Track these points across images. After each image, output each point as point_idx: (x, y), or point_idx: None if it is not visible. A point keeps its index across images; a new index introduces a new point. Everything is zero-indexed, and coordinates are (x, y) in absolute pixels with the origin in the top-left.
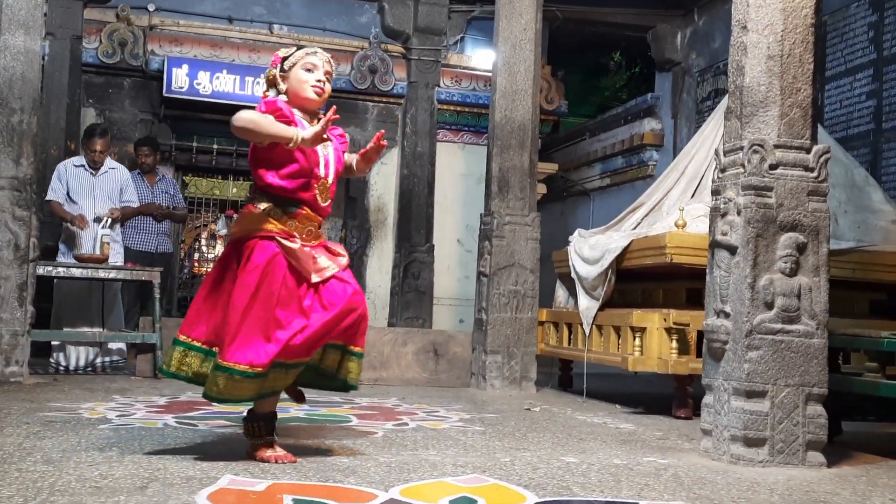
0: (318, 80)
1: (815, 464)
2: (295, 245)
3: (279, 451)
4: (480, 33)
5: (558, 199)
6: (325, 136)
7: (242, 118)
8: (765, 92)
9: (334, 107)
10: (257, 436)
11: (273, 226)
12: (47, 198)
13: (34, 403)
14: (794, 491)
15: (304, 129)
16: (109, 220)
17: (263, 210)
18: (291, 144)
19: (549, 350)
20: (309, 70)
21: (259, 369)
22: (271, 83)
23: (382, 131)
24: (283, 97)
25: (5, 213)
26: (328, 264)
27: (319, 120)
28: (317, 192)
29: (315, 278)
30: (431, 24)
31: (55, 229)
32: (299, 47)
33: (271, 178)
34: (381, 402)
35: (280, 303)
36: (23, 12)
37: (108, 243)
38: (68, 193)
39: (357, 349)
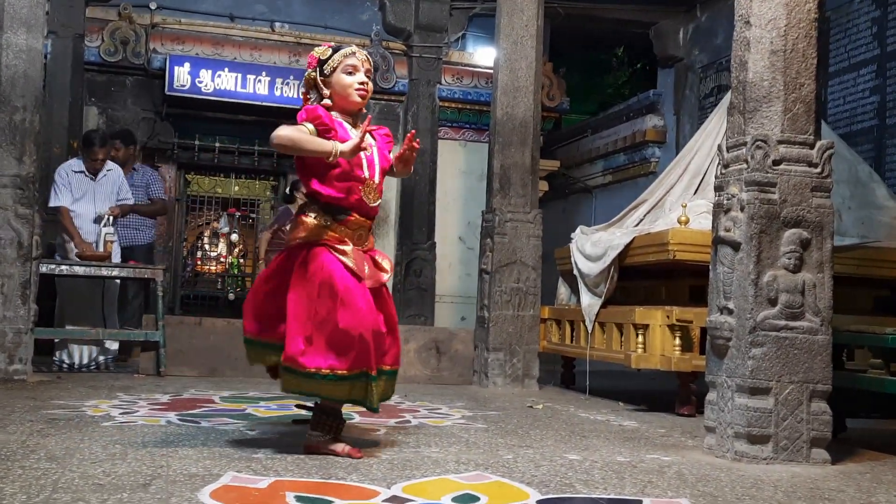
0: (361, 83)
1: (820, 461)
2: (347, 248)
3: (347, 446)
4: (482, 30)
5: (560, 196)
6: (363, 144)
7: (281, 136)
8: (768, 87)
9: (369, 116)
10: (330, 430)
11: (325, 233)
12: (55, 203)
13: (38, 401)
14: (799, 488)
15: (341, 143)
16: (111, 219)
17: (315, 220)
18: (331, 158)
19: (552, 347)
20: (350, 73)
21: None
22: (311, 86)
23: (413, 131)
24: (326, 101)
25: (8, 211)
26: (372, 275)
27: (361, 118)
28: (362, 194)
29: (368, 283)
30: (433, 22)
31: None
32: (335, 49)
33: (317, 185)
34: None
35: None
36: (25, 10)
37: (111, 241)
38: None
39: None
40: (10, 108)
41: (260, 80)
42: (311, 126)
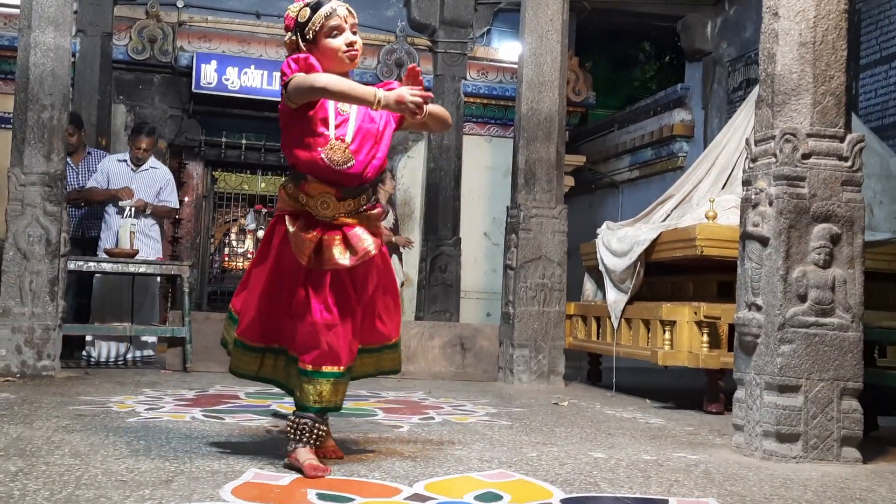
0: (349, 43)
1: (851, 460)
2: (291, 228)
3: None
4: (507, 25)
5: (586, 191)
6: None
7: (310, 81)
8: (797, 80)
9: (413, 65)
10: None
11: (284, 203)
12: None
13: (64, 397)
14: (829, 487)
15: (388, 93)
16: (133, 210)
17: (283, 185)
18: (376, 106)
19: (577, 344)
20: (336, 34)
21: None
22: (294, 50)
23: (413, 65)
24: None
25: (36, 208)
26: (337, 255)
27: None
28: (323, 154)
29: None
30: (458, 17)
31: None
32: (312, 8)
33: (287, 146)
34: (407, 395)
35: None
36: (52, 9)
37: (133, 233)
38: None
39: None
40: (39, 106)
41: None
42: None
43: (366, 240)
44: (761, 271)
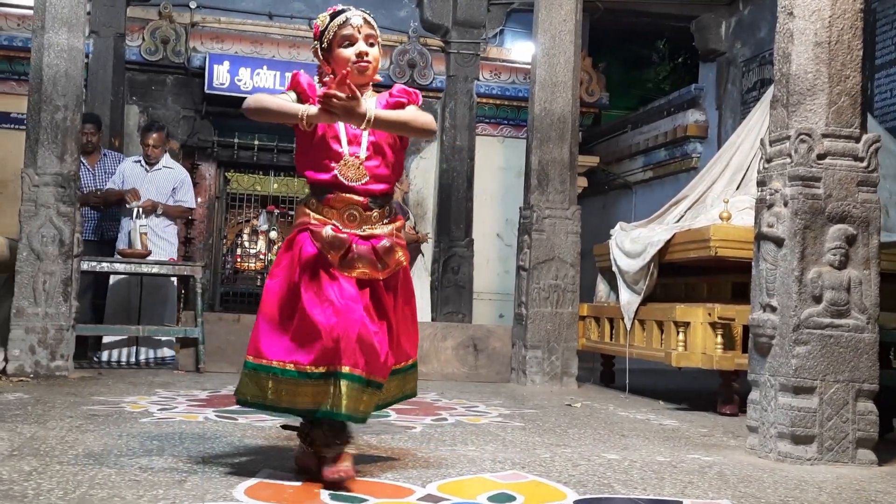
0: (359, 53)
1: (866, 462)
2: (320, 228)
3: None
4: (520, 26)
5: (600, 192)
6: (336, 108)
7: (249, 100)
8: (812, 80)
9: (344, 72)
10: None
11: (309, 217)
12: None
13: (78, 397)
14: (844, 489)
15: (311, 107)
16: (140, 210)
17: (303, 202)
18: (304, 122)
19: (591, 345)
20: (348, 44)
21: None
22: (317, 59)
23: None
24: (327, 78)
25: (50, 209)
26: (367, 267)
27: (370, 92)
28: (336, 171)
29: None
30: (470, 18)
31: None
32: (332, 15)
33: (301, 166)
34: (419, 396)
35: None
36: (66, 10)
37: (144, 233)
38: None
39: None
40: (52, 107)
41: None
42: (292, 94)
43: (398, 251)
44: (776, 272)
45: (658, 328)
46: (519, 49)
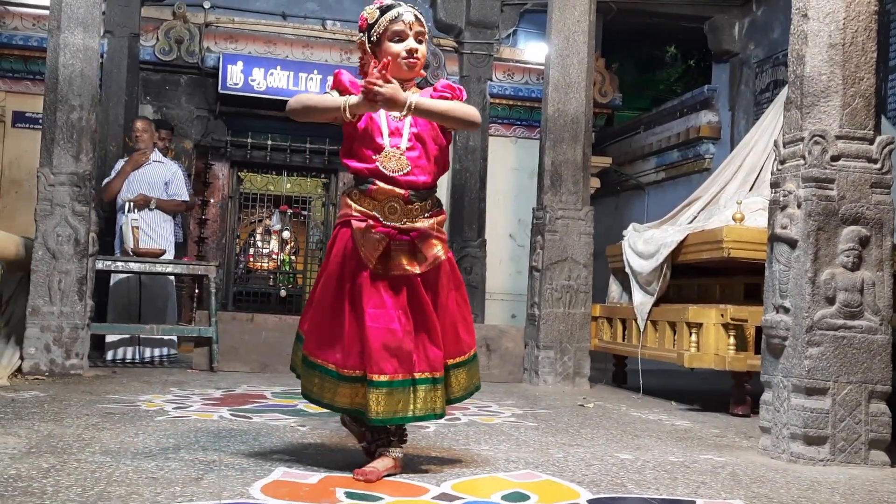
0: (409, 50)
1: (878, 463)
2: (361, 224)
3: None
4: (533, 26)
5: (612, 193)
6: (379, 98)
7: (292, 101)
8: (826, 81)
9: (385, 61)
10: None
11: (350, 209)
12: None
13: (93, 395)
14: (857, 490)
15: (353, 97)
16: (131, 205)
17: (346, 192)
18: (347, 113)
19: (603, 346)
20: (398, 40)
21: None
22: (362, 51)
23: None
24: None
25: (65, 208)
26: (404, 262)
27: (418, 88)
28: (378, 163)
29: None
30: (484, 18)
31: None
32: (382, 10)
33: (345, 156)
34: None
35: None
36: (81, 10)
37: (136, 227)
38: None
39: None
40: (68, 106)
41: (312, 79)
42: (335, 93)
43: (436, 245)
44: (789, 273)
45: (671, 329)
46: (532, 50)
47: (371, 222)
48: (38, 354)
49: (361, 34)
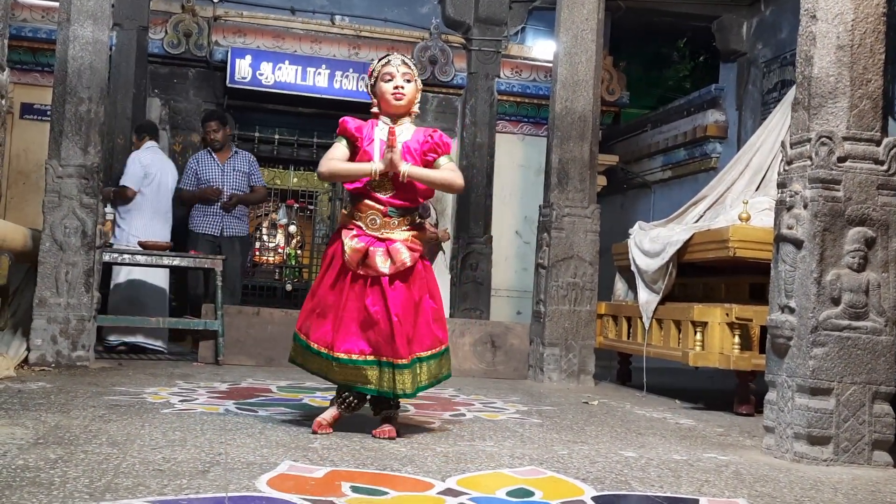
0: (396, 87)
1: (882, 464)
2: (347, 239)
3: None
4: (541, 23)
5: (619, 191)
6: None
7: (322, 172)
8: (834, 83)
9: (392, 138)
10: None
11: (344, 221)
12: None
13: (100, 387)
14: (860, 491)
15: (377, 163)
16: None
17: (344, 207)
18: (374, 177)
19: (608, 343)
20: (388, 80)
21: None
22: (370, 93)
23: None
24: (375, 108)
25: (73, 200)
26: (378, 264)
27: (409, 121)
28: (367, 184)
29: (360, 271)
30: (492, 15)
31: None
32: (379, 59)
33: (346, 183)
34: (437, 392)
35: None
36: (91, 3)
37: (109, 220)
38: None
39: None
40: (76, 99)
41: (320, 73)
42: (343, 140)
43: (403, 252)
44: (795, 274)
45: (676, 328)
46: (540, 47)
47: (356, 231)
48: (44, 346)
49: (369, 80)
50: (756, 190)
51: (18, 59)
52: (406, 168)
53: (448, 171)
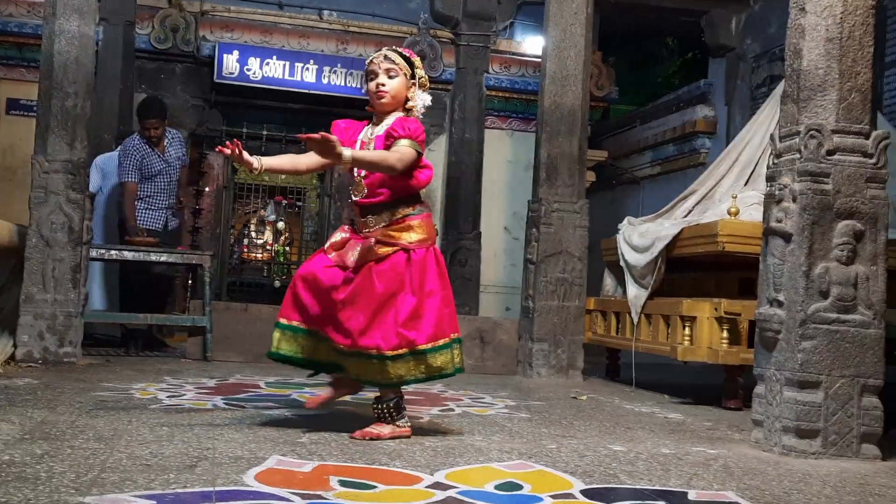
0: (378, 85)
1: (870, 456)
2: (342, 229)
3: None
4: (530, 18)
5: (607, 187)
6: (335, 147)
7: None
8: (823, 76)
9: (308, 136)
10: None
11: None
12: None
13: (87, 383)
14: (848, 483)
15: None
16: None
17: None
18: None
19: (597, 339)
20: (371, 78)
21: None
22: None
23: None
24: (369, 107)
25: (60, 195)
26: (348, 256)
27: (394, 115)
28: (352, 191)
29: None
30: (481, 10)
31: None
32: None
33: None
34: (426, 387)
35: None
36: None
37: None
38: None
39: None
40: (62, 94)
41: (308, 69)
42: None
43: (371, 248)
44: (784, 267)
45: (664, 322)
46: (529, 42)
47: (346, 227)
48: (31, 342)
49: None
50: (745, 185)
51: (4, 55)
52: (348, 153)
53: (392, 151)
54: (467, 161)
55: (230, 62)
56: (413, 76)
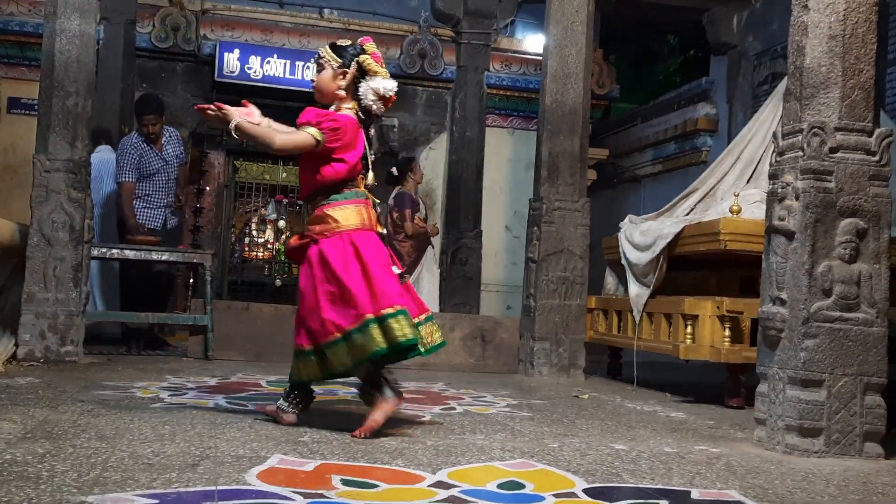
0: (311, 81)
1: (873, 455)
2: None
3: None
4: (531, 17)
5: (609, 185)
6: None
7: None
8: (825, 73)
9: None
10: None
11: None
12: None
13: (88, 382)
14: (851, 482)
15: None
16: None
17: None
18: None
19: (598, 337)
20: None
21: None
22: None
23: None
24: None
25: (61, 194)
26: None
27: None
28: None
29: None
30: (482, 8)
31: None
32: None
33: None
34: (428, 386)
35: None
36: None
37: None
38: None
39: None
40: (64, 93)
41: (308, 67)
42: (311, 129)
43: (294, 240)
44: (786, 265)
45: (666, 321)
46: (530, 40)
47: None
48: (33, 341)
49: None
50: (747, 182)
51: (5, 53)
52: (233, 123)
53: (288, 130)
54: (468, 159)
55: (231, 61)
56: (344, 65)
